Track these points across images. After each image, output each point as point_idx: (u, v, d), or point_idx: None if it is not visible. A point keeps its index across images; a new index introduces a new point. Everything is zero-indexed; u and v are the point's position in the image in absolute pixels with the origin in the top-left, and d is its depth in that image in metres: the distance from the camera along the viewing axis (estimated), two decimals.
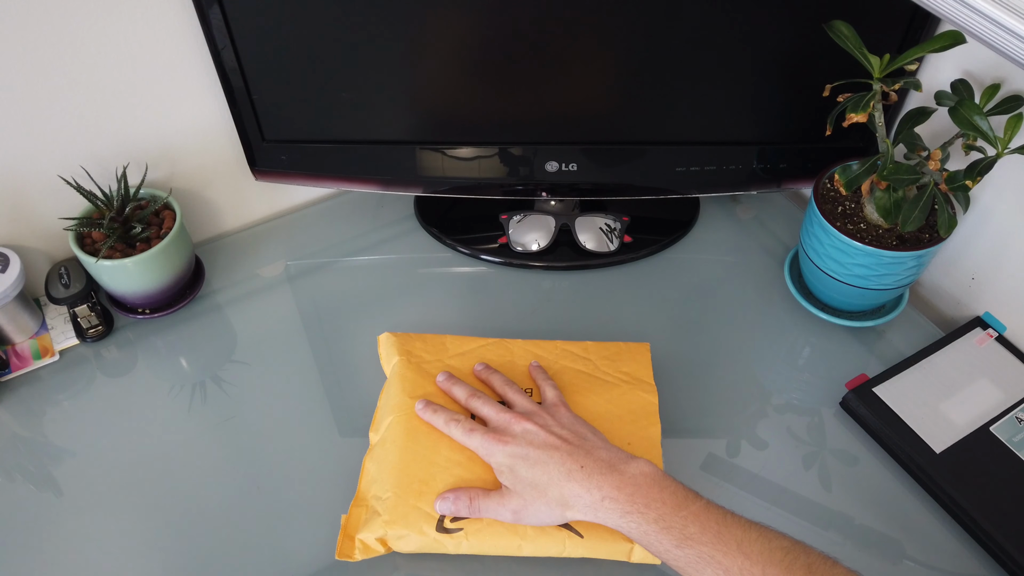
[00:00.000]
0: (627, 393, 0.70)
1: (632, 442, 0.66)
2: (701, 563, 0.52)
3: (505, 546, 0.61)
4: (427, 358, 0.71)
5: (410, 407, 0.66)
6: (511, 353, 0.73)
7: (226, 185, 0.87)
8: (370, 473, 0.65)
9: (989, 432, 0.69)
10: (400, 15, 0.70)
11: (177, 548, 0.65)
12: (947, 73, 0.73)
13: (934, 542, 0.65)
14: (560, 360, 0.72)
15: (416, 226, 0.92)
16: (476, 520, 0.61)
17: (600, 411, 0.68)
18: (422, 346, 0.73)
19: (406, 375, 0.69)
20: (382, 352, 0.73)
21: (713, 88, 0.77)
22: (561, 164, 0.82)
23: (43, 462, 0.71)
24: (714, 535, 0.52)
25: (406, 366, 0.70)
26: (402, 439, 0.64)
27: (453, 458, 0.63)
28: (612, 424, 0.67)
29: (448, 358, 0.72)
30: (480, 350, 0.73)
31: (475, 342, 0.74)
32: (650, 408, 0.69)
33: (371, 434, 0.69)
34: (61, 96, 0.72)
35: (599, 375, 0.71)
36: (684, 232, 0.90)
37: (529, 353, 0.73)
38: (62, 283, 0.79)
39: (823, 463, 0.70)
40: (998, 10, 0.41)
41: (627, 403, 0.69)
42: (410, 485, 0.62)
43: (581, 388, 0.70)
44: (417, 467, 0.63)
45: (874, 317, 0.79)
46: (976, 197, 0.75)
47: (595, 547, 0.60)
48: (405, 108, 0.78)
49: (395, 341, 0.73)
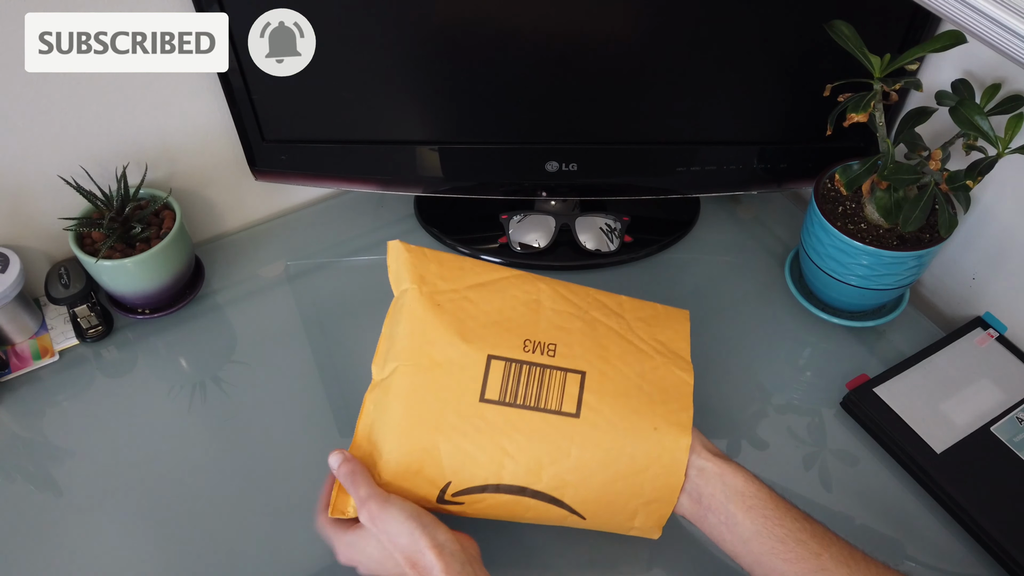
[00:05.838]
0: (661, 368, 0.61)
1: (659, 427, 0.57)
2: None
3: (506, 517, 0.59)
4: (442, 287, 0.62)
5: (418, 356, 0.59)
6: (538, 291, 0.63)
7: (226, 185, 0.87)
8: (369, 416, 0.60)
9: (990, 432, 0.69)
10: (400, 15, 0.70)
11: (177, 548, 0.65)
12: (948, 73, 0.73)
13: (934, 542, 0.65)
14: (591, 311, 0.63)
15: (416, 226, 0.92)
16: (479, 498, 0.57)
17: (629, 387, 0.59)
18: (438, 270, 0.63)
19: (416, 312, 0.60)
20: (391, 264, 0.64)
21: (713, 88, 0.77)
22: (561, 164, 0.82)
23: (43, 462, 0.71)
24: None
25: (418, 299, 0.61)
26: (406, 396, 0.58)
27: (459, 427, 0.57)
28: (641, 404, 0.58)
29: (466, 288, 0.62)
30: (502, 282, 0.63)
31: (498, 272, 0.64)
32: (684, 389, 0.60)
33: (374, 367, 0.62)
34: (61, 96, 0.72)
35: (633, 339, 0.62)
36: (684, 232, 0.90)
37: (558, 294, 0.63)
38: (62, 283, 0.79)
39: (823, 463, 0.70)
40: (999, 10, 0.41)
41: (660, 380, 0.60)
42: (412, 452, 0.57)
43: (612, 352, 0.60)
44: (420, 432, 0.57)
45: (875, 317, 0.79)
46: (977, 197, 0.75)
47: (596, 525, 0.59)
48: (405, 108, 0.78)
49: (408, 259, 0.63)
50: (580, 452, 0.57)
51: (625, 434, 0.57)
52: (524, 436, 0.57)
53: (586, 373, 0.59)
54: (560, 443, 0.57)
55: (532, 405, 0.57)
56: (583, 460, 0.57)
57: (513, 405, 0.57)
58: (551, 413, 0.57)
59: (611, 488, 0.57)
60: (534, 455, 0.57)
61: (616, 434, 0.57)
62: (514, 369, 0.58)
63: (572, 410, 0.57)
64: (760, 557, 0.53)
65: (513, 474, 0.57)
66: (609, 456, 0.57)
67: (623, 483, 0.57)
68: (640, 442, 0.57)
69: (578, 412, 0.57)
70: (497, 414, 0.57)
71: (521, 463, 0.57)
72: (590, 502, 0.58)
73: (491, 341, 0.59)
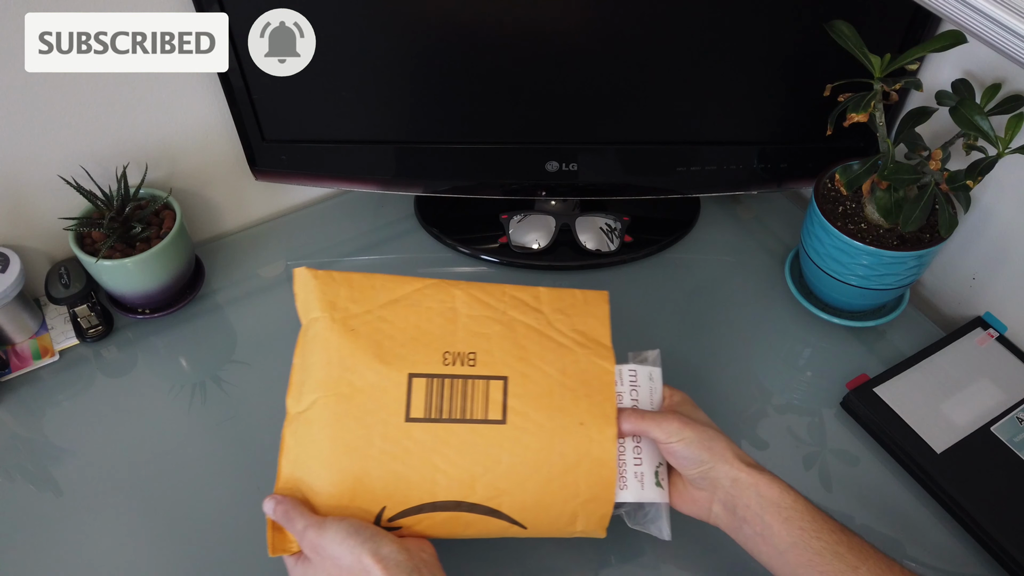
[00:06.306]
0: (582, 360, 0.60)
1: (585, 421, 0.58)
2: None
3: (447, 535, 0.58)
4: (355, 310, 0.61)
5: (338, 385, 0.58)
6: (453, 299, 0.62)
7: (226, 185, 0.87)
8: (292, 452, 0.58)
9: (990, 432, 0.69)
10: (400, 15, 0.70)
11: (177, 548, 0.65)
12: (948, 73, 0.73)
13: (934, 542, 0.65)
14: (509, 311, 0.62)
15: (416, 226, 0.92)
16: (416, 519, 0.57)
17: (552, 385, 0.59)
18: (348, 293, 0.62)
19: (330, 340, 0.60)
20: (298, 293, 0.63)
21: (713, 88, 0.77)
22: (561, 164, 0.82)
23: (43, 462, 0.71)
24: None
25: (330, 328, 0.60)
26: (331, 426, 0.57)
27: (388, 450, 0.56)
28: (565, 401, 0.58)
29: (379, 308, 0.61)
30: (416, 295, 0.63)
31: (411, 284, 0.63)
32: (607, 379, 0.60)
33: (289, 400, 0.60)
34: (61, 96, 0.72)
35: (552, 334, 0.62)
36: (684, 232, 0.90)
37: (474, 299, 0.63)
38: (62, 283, 0.79)
39: (824, 463, 0.70)
40: (999, 10, 0.41)
41: (581, 373, 0.60)
42: (343, 482, 0.56)
43: (532, 352, 0.60)
44: (349, 461, 0.56)
45: (875, 317, 0.79)
46: (977, 197, 0.75)
47: (538, 532, 0.59)
48: (405, 108, 0.78)
49: (316, 285, 0.62)
50: (511, 458, 0.57)
51: (553, 433, 0.57)
52: (454, 450, 0.57)
53: (508, 378, 0.59)
54: (490, 451, 0.57)
55: (458, 418, 0.57)
56: (515, 465, 0.57)
57: (440, 420, 0.57)
58: (478, 423, 0.57)
59: (547, 490, 0.57)
60: (465, 467, 0.56)
61: (544, 435, 0.57)
62: (436, 385, 0.58)
63: (498, 417, 0.58)
64: (796, 569, 0.53)
65: (447, 490, 0.56)
66: (540, 457, 0.57)
67: (558, 483, 0.57)
68: (569, 439, 0.57)
69: (504, 418, 0.57)
70: (425, 432, 0.57)
71: (454, 477, 0.56)
72: (528, 509, 0.57)
73: (410, 359, 0.59)
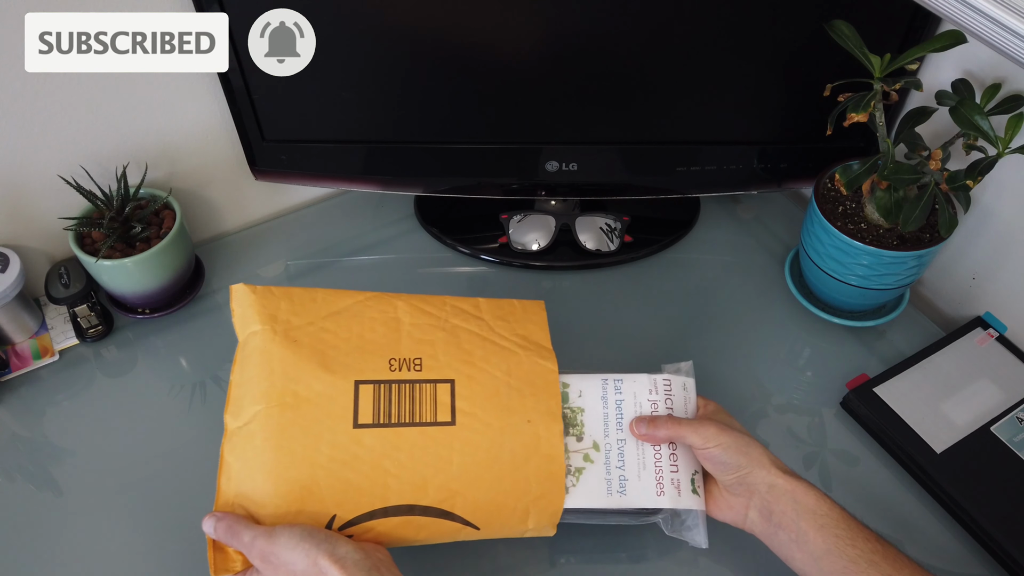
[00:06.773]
0: (525, 362, 0.62)
1: (532, 419, 0.59)
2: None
3: (399, 542, 0.58)
4: (297, 322, 0.61)
5: (281, 396, 0.57)
6: (395, 309, 0.63)
7: (226, 185, 0.87)
8: (232, 468, 0.56)
9: (990, 432, 0.69)
10: (400, 15, 0.70)
11: (177, 548, 0.65)
12: (948, 73, 0.73)
13: (934, 542, 0.65)
14: (451, 318, 0.64)
15: (416, 226, 0.92)
16: (367, 527, 0.56)
17: (499, 386, 0.60)
18: (288, 306, 0.62)
19: (272, 352, 0.59)
20: (236, 309, 0.62)
21: (713, 88, 0.77)
22: (561, 164, 0.82)
23: (43, 462, 0.71)
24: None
25: (271, 340, 0.60)
26: (275, 436, 0.56)
27: (337, 457, 0.56)
28: (512, 400, 0.60)
29: (321, 319, 0.62)
30: (357, 307, 0.63)
31: (352, 297, 0.64)
32: (550, 378, 0.62)
33: (227, 417, 0.59)
34: (61, 96, 0.72)
35: (495, 339, 0.63)
36: (684, 232, 0.90)
37: (416, 309, 0.64)
38: (62, 283, 0.79)
39: (824, 463, 0.70)
40: (999, 10, 0.41)
41: (526, 374, 0.61)
42: (290, 492, 0.55)
43: (477, 356, 0.61)
44: (296, 471, 0.55)
45: (875, 317, 0.79)
46: (977, 197, 0.75)
47: (491, 533, 0.59)
48: (405, 108, 0.78)
49: (255, 300, 0.62)
50: (462, 458, 0.57)
51: (502, 432, 0.58)
52: (404, 453, 0.57)
53: (455, 381, 0.60)
54: (441, 453, 0.57)
55: (408, 421, 0.58)
56: (466, 465, 0.57)
57: (388, 425, 0.57)
58: (428, 425, 0.58)
59: (499, 488, 0.57)
60: (417, 470, 0.57)
61: (493, 433, 0.58)
62: (384, 390, 0.58)
63: (448, 419, 0.58)
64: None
65: (399, 493, 0.56)
66: (490, 456, 0.57)
67: (509, 481, 0.57)
68: (517, 436, 0.58)
69: (454, 420, 0.58)
70: (374, 437, 0.57)
71: (405, 480, 0.56)
72: (480, 508, 0.57)
73: (356, 367, 0.59)
